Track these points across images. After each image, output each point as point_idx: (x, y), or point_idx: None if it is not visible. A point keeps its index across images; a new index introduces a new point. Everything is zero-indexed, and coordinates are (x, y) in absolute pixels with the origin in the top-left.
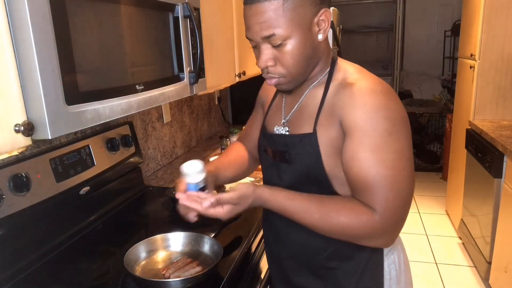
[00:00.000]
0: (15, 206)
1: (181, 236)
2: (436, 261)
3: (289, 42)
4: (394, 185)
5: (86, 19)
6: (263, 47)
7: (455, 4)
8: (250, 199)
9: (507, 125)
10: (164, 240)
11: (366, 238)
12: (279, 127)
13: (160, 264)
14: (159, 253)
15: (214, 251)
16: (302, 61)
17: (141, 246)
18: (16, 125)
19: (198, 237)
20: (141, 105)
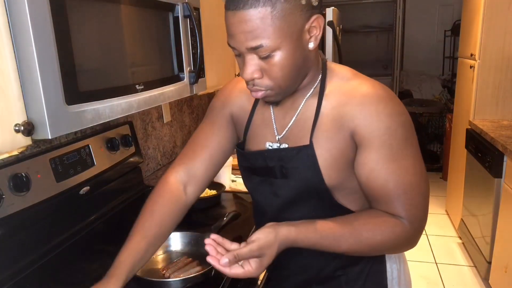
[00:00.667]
0: (15, 206)
1: (181, 236)
2: (436, 261)
3: (278, 54)
4: (418, 189)
5: (86, 19)
6: (248, 58)
7: (455, 4)
8: (275, 246)
9: (507, 125)
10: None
11: (403, 247)
12: (273, 143)
13: (160, 264)
14: (159, 253)
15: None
16: (292, 72)
17: None
18: (16, 125)
19: (198, 237)
20: (141, 105)
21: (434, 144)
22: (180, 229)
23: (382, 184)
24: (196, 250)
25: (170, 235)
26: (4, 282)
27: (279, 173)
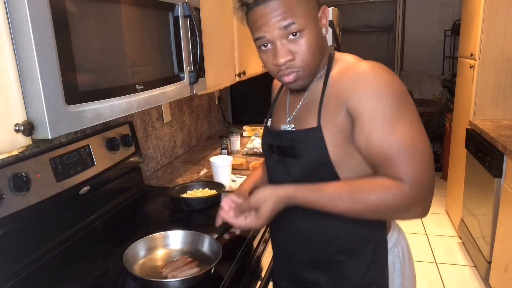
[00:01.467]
0: (15, 206)
1: (181, 235)
2: (436, 261)
3: (305, 33)
4: (415, 151)
5: (86, 18)
6: (279, 44)
7: (455, 4)
8: (271, 199)
9: (507, 124)
10: (164, 238)
11: (402, 211)
12: (285, 125)
13: (159, 262)
14: (159, 251)
15: (214, 250)
16: (317, 53)
17: (140, 243)
18: (16, 125)
19: (197, 236)
20: (141, 105)
21: (434, 144)
22: (181, 228)
23: (378, 148)
24: (195, 249)
25: (170, 233)
26: (5, 281)
27: (290, 153)
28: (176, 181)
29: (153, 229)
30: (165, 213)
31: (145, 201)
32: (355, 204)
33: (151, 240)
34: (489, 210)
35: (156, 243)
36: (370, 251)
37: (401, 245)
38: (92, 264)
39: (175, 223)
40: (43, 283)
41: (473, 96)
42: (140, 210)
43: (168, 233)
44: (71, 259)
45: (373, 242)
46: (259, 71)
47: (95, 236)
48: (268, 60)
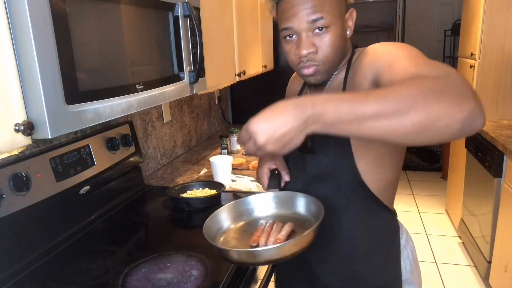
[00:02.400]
0: (15, 205)
1: (267, 197)
2: (436, 261)
3: (331, 30)
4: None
5: (86, 18)
6: (305, 36)
7: (455, 4)
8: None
9: (507, 124)
10: (246, 204)
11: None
12: None
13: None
14: (243, 221)
15: (311, 210)
16: (338, 51)
17: (222, 213)
18: (16, 125)
19: (288, 196)
20: (141, 105)
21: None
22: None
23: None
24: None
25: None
26: (5, 281)
27: (310, 148)
28: (176, 181)
29: (153, 229)
30: (165, 212)
31: (145, 201)
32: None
33: (233, 208)
34: (489, 210)
35: (239, 211)
36: (383, 252)
37: (410, 247)
38: (92, 264)
39: (175, 223)
40: (43, 282)
41: None
42: (140, 210)
43: (249, 198)
44: (71, 258)
45: (386, 243)
46: (259, 71)
47: (95, 236)
48: (290, 51)
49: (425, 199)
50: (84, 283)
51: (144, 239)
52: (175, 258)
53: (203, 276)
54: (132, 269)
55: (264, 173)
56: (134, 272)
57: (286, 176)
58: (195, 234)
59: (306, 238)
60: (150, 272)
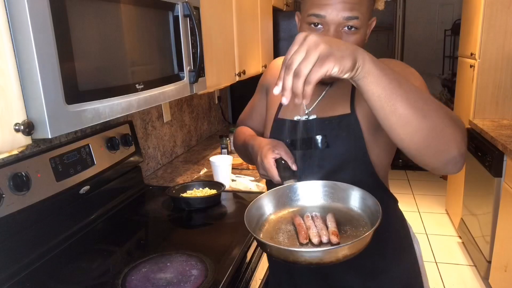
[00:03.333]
0: (15, 205)
1: (316, 186)
2: (436, 260)
3: (359, 32)
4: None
5: (86, 18)
6: (333, 30)
7: (455, 3)
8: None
9: (507, 124)
10: (293, 192)
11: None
12: (301, 116)
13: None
14: (288, 209)
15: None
16: None
17: (264, 199)
18: (16, 125)
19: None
20: (141, 104)
21: None
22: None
23: None
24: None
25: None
26: (5, 281)
27: (322, 143)
28: (176, 181)
29: (153, 229)
30: (165, 212)
31: (145, 201)
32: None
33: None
34: (489, 209)
35: (284, 199)
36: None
37: (417, 244)
38: (92, 263)
39: (175, 223)
40: (43, 282)
41: (473, 95)
42: (140, 210)
43: (297, 185)
44: (71, 258)
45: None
46: (259, 71)
47: (95, 236)
48: None
49: (425, 199)
50: (84, 282)
51: (144, 239)
52: (175, 258)
53: (203, 275)
54: (132, 269)
55: (271, 164)
56: (134, 272)
57: (293, 165)
58: (195, 233)
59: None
60: (150, 271)
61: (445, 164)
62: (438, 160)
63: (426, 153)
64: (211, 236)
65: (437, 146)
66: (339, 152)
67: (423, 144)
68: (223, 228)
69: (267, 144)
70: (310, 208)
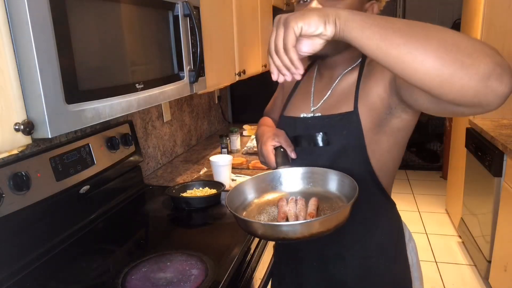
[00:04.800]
0: (15, 205)
1: (296, 172)
2: (436, 260)
3: (345, 1)
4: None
5: (86, 18)
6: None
7: (455, 3)
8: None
9: (507, 124)
10: (274, 178)
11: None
12: (307, 114)
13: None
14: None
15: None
16: None
17: (246, 185)
18: (16, 124)
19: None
20: (141, 104)
21: (434, 143)
22: (182, 228)
23: None
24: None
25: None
26: (5, 281)
27: (322, 140)
28: (176, 180)
29: (153, 228)
30: (165, 212)
31: (145, 200)
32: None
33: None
34: (489, 209)
35: (265, 184)
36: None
37: (413, 241)
38: (92, 263)
39: (175, 222)
40: (43, 282)
41: None
42: (140, 209)
43: (278, 172)
44: (71, 258)
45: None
46: (259, 70)
47: (95, 235)
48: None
49: (425, 199)
50: (84, 282)
51: (144, 239)
52: (175, 258)
53: (203, 275)
54: (132, 269)
55: (270, 150)
56: (134, 272)
57: (292, 153)
58: (195, 233)
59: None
60: (150, 271)
61: (485, 80)
62: (472, 78)
63: (454, 75)
64: (211, 235)
65: (461, 60)
66: (338, 149)
67: (442, 67)
68: (223, 227)
69: (268, 131)
70: (291, 193)
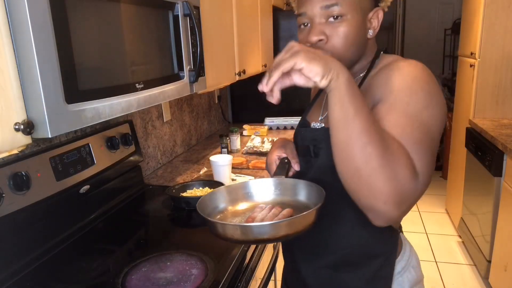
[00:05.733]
0: (15, 204)
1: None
2: (436, 260)
3: (347, 20)
4: (429, 152)
5: (86, 17)
6: (317, 22)
7: (455, 3)
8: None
9: (507, 123)
10: (247, 188)
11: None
12: (316, 123)
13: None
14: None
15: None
16: (351, 46)
17: (219, 193)
18: (16, 124)
19: (290, 183)
20: (141, 104)
21: None
22: (182, 227)
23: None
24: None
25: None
26: (5, 280)
27: (313, 152)
28: (176, 180)
29: (153, 228)
30: (165, 212)
31: (145, 200)
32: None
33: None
34: (489, 209)
35: (237, 194)
36: (373, 268)
37: (411, 275)
38: (92, 263)
39: (175, 222)
40: (43, 281)
41: (473, 95)
42: (140, 209)
43: (251, 182)
44: (71, 258)
45: (378, 260)
46: (259, 70)
47: (95, 235)
48: (303, 40)
49: (425, 198)
50: (84, 282)
51: (144, 238)
52: (175, 257)
53: (203, 275)
54: (132, 268)
55: (273, 160)
56: (134, 271)
57: (296, 165)
58: (195, 233)
59: (300, 220)
60: (150, 271)
61: (366, 210)
62: (359, 202)
63: (350, 189)
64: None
65: (359, 189)
66: (323, 163)
67: (348, 179)
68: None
69: (279, 142)
70: (262, 203)
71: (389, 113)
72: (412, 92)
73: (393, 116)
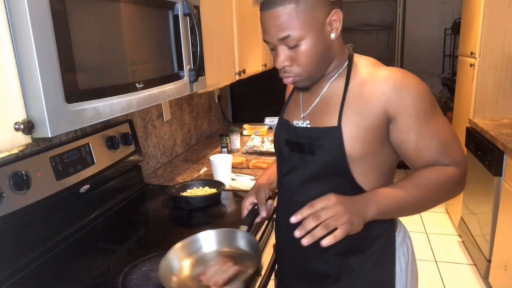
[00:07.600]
0: (15, 204)
1: (211, 235)
2: (436, 259)
3: (303, 43)
4: (454, 138)
5: (86, 17)
6: (280, 49)
7: (456, 2)
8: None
9: (507, 123)
10: (194, 243)
11: (456, 188)
12: (299, 121)
13: (196, 271)
14: (192, 258)
15: (251, 245)
16: (316, 60)
17: (172, 255)
18: (16, 124)
19: (229, 233)
20: (141, 103)
21: None
22: (183, 227)
23: (427, 144)
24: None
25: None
26: (5, 280)
27: (308, 149)
28: (176, 180)
29: (153, 228)
30: (165, 211)
31: (145, 200)
32: (433, 202)
33: (181, 249)
34: (489, 208)
35: (187, 250)
36: (378, 247)
37: (407, 244)
38: (92, 262)
39: (175, 222)
40: (43, 281)
41: (473, 94)
42: (140, 209)
43: (198, 235)
44: (71, 257)
45: (382, 239)
46: (259, 70)
47: (95, 235)
48: (274, 60)
49: None
50: (85, 281)
51: (144, 238)
52: None
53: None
54: (132, 268)
55: (245, 206)
56: (134, 271)
57: (264, 212)
58: (195, 232)
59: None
60: (150, 270)
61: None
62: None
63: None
64: None
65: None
66: (321, 161)
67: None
68: (223, 227)
69: (253, 187)
70: (209, 254)
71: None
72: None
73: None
